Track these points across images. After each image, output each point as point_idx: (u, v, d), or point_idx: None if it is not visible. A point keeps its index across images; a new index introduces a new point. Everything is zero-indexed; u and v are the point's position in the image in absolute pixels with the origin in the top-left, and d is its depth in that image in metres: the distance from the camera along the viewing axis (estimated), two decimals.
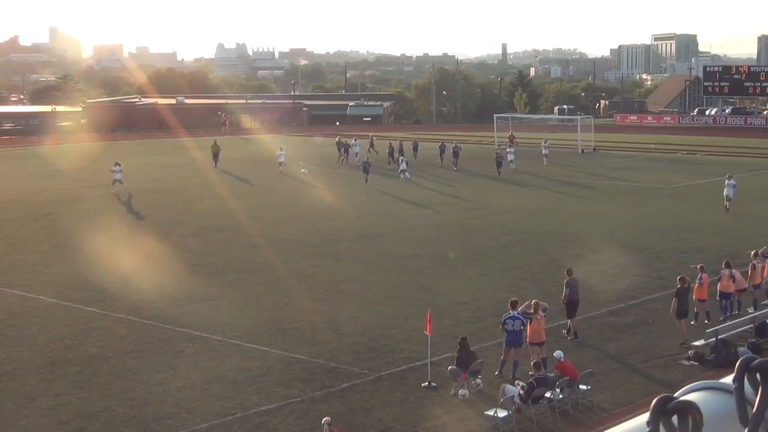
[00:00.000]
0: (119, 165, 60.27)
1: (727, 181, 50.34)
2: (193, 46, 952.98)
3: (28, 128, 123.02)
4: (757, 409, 1.68)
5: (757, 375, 1.72)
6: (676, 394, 1.71)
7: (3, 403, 22.23)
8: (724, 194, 50.08)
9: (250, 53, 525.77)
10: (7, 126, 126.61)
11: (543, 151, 74.63)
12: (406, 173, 64.59)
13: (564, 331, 27.25)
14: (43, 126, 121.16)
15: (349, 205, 52.88)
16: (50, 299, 32.03)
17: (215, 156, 74.30)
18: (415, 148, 77.08)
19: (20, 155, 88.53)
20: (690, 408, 1.60)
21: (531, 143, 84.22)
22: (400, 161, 67.08)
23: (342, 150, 77.46)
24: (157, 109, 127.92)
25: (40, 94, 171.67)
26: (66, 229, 46.28)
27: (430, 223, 47.03)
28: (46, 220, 49.43)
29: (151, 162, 78.56)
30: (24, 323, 29.31)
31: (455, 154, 71.38)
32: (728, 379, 1.76)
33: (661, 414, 1.61)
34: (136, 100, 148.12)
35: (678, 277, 27.53)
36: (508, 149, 73.68)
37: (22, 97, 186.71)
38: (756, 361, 1.72)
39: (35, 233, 45.55)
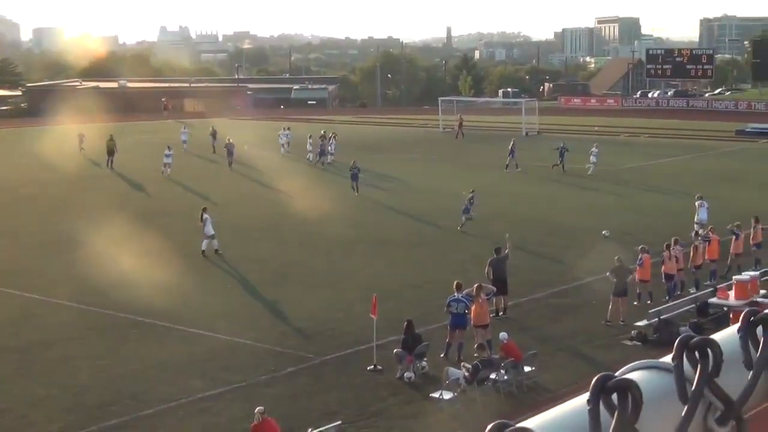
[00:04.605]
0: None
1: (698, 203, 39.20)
2: (135, 29, 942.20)
3: None
4: (695, 386, 1.72)
5: (695, 353, 1.74)
6: (616, 373, 1.73)
7: None
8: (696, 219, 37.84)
9: (194, 36, 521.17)
10: None
11: (591, 159, 59.02)
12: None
13: (492, 312, 26.43)
14: None
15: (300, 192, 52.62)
16: None
17: (110, 153, 63.00)
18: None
19: None
20: (629, 386, 1.62)
21: (476, 126, 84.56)
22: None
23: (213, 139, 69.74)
24: (99, 93, 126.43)
25: None
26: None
27: (363, 214, 47.06)
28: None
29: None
30: None
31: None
32: (668, 358, 1.78)
33: (600, 392, 1.63)
34: (77, 83, 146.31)
35: (615, 257, 27.97)
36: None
37: None
38: (694, 339, 1.77)
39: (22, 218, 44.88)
